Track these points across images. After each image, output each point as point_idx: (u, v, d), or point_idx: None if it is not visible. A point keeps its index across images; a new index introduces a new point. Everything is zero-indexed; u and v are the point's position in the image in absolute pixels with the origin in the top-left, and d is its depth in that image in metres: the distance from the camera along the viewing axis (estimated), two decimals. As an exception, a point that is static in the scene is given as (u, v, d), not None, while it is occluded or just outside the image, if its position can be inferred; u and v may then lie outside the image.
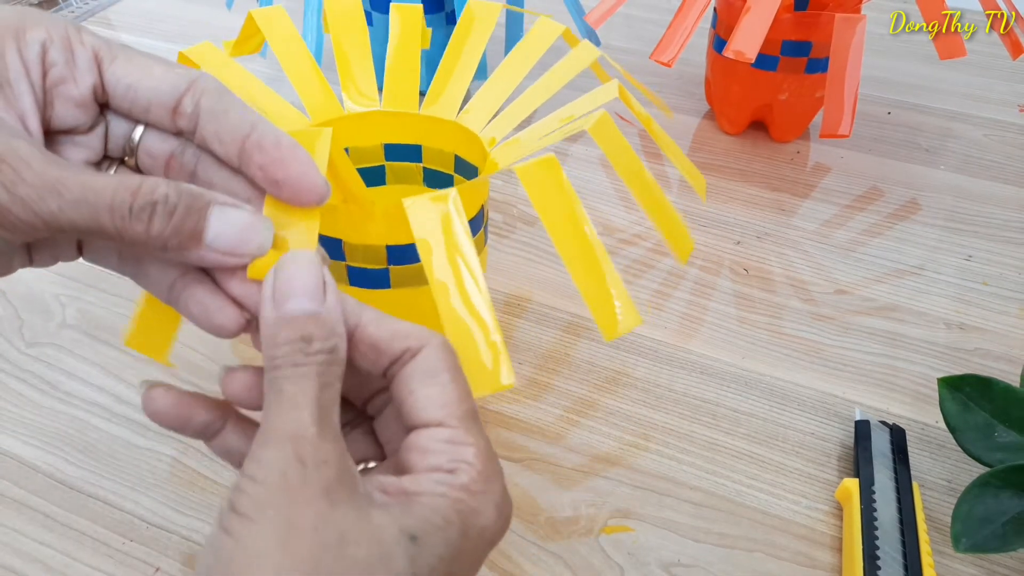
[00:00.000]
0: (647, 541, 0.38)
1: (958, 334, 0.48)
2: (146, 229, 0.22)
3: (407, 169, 0.46)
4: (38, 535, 0.38)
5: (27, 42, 0.23)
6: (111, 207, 0.21)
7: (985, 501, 0.34)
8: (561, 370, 0.46)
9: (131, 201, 0.21)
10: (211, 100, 0.24)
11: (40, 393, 0.44)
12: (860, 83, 0.54)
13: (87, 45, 0.24)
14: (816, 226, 0.57)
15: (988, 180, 0.61)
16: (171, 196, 0.22)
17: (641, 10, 0.85)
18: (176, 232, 0.22)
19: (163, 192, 0.22)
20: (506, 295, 0.51)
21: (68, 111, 0.24)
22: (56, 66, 0.23)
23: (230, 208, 0.23)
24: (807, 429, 0.43)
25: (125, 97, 0.24)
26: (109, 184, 0.21)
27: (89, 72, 0.24)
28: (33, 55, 0.23)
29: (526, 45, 0.43)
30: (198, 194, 0.23)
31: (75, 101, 0.24)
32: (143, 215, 0.22)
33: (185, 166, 0.25)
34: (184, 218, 0.22)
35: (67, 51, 0.24)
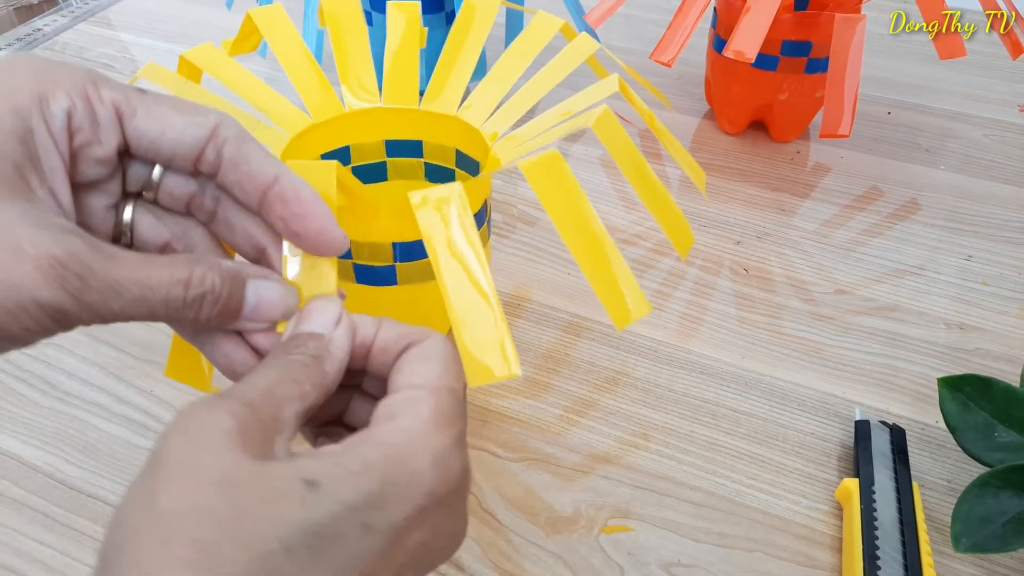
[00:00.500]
0: (647, 541, 0.38)
1: (958, 334, 0.48)
2: (196, 316, 0.23)
3: (409, 165, 0.46)
4: (38, 535, 0.38)
5: (52, 114, 0.23)
6: (166, 302, 0.23)
7: (985, 501, 0.34)
8: (561, 370, 0.46)
9: (184, 295, 0.23)
10: (232, 149, 0.25)
11: (40, 393, 0.44)
12: (860, 83, 0.54)
13: (106, 102, 0.24)
14: (816, 226, 0.57)
15: (988, 180, 0.61)
16: (217, 284, 0.24)
17: (641, 10, 0.85)
18: (222, 313, 0.24)
19: (211, 282, 0.23)
20: (506, 295, 0.51)
21: (92, 169, 0.24)
22: (81, 131, 0.23)
23: (262, 281, 0.25)
24: (807, 429, 0.43)
25: (148, 151, 0.25)
26: (163, 280, 0.22)
27: (113, 133, 0.24)
28: (59, 125, 0.23)
29: (525, 39, 0.44)
30: (237, 274, 0.24)
31: (98, 160, 0.24)
32: (195, 305, 0.23)
33: (205, 206, 0.26)
34: (228, 301, 0.24)
35: (90, 113, 0.23)
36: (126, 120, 0.24)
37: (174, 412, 0.43)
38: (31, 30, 0.81)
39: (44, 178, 0.23)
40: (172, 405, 0.44)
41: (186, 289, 0.23)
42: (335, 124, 0.43)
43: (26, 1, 0.93)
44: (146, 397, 0.44)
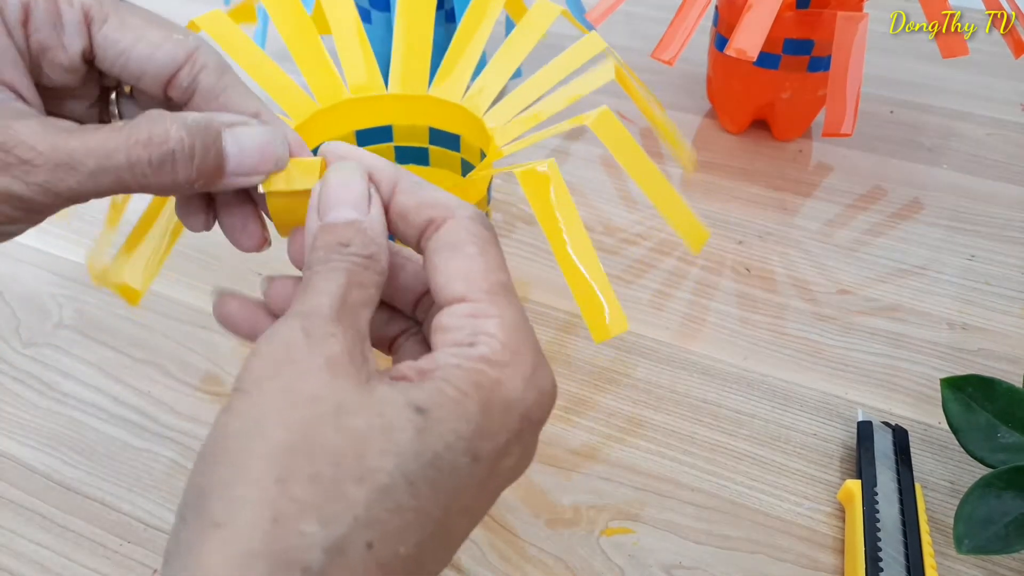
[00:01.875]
0: (648, 543, 0.38)
1: (961, 334, 0.48)
2: (172, 178, 0.22)
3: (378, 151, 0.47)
4: (35, 536, 0.38)
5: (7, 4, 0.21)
6: (130, 167, 0.21)
7: (988, 502, 0.33)
8: (562, 370, 0.45)
9: (147, 155, 0.21)
10: (210, 78, 0.23)
11: (37, 394, 0.44)
12: (862, 82, 0.54)
13: (75, 5, 0.22)
14: (818, 225, 0.56)
15: (991, 179, 0.61)
16: (185, 138, 0.21)
17: (642, 8, 0.85)
18: (201, 172, 0.22)
19: (176, 137, 0.21)
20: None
21: (58, 75, 0.23)
22: (40, 31, 0.22)
23: (240, 128, 0.23)
24: (809, 430, 0.43)
25: (115, 63, 0.23)
26: (120, 144, 0.21)
27: (78, 36, 0.22)
28: (14, 19, 0.22)
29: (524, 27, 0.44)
30: (207, 124, 0.22)
31: (64, 67, 0.23)
32: (165, 166, 0.21)
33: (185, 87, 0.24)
34: (204, 156, 0.22)
35: (53, 13, 0.22)
36: (95, 26, 0.23)
37: (174, 414, 0.43)
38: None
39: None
40: (170, 406, 0.43)
41: (147, 149, 0.21)
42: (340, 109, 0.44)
43: (25, 0, 0.92)
44: (144, 398, 0.44)
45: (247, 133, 0.23)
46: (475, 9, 0.45)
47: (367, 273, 0.21)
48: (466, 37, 0.45)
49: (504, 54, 0.44)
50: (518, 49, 0.43)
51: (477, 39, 0.44)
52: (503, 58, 0.43)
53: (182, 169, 0.21)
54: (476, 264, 0.22)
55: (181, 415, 0.43)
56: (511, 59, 0.43)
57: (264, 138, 0.23)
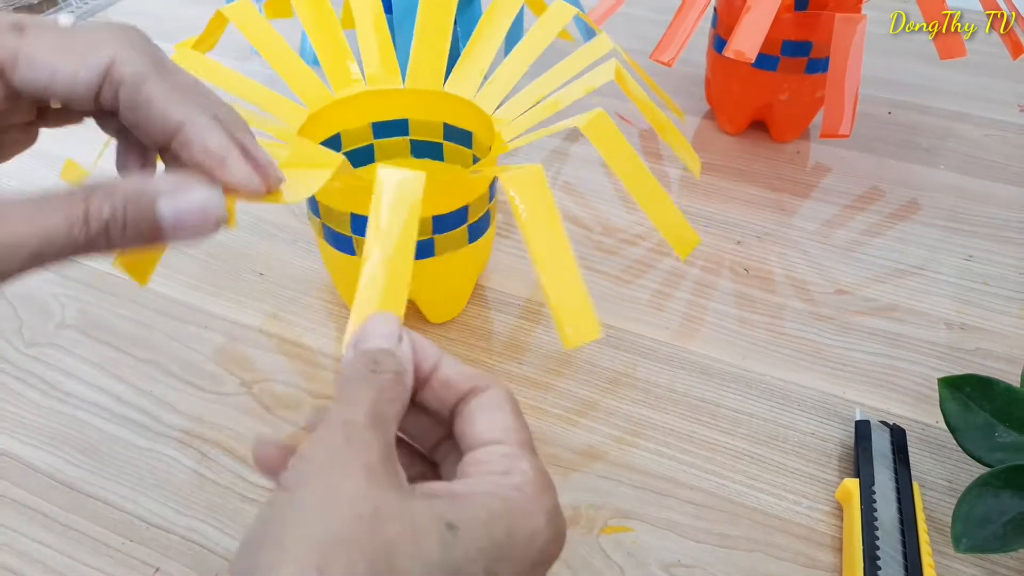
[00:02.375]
0: (647, 541, 0.38)
1: (959, 334, 0.48)
2: (108, 246, 0.22)
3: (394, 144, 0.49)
4: (38, 535, 0.38)
5: None
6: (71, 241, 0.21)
7: (986, 501, 0.33)
8: (561, 370, 0.46)
9: (84, 232, 0.21)
10: (129, 92, 0.23)
11: (40, 393, 0.44)
12: (860, 83, 0.54)
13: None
14: (816, 226, 0.57)
15: (988, 180, 0.61)
16: (117, 210, 0.22)
17: (641, 9, 0.85)
18: (137, 236, 0.22)
19: (108, 211, 0.22)
20: (506, 294, 0.51)
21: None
22: None
23: (178, 194, 0.23)
24: (807, 429, 0.43)
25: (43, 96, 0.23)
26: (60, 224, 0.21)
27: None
28: None
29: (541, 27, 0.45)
30: (140, 194, 0.22)
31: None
32: (100, 239, 0.22)
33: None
34: (138, 223, 0.22)
35: None
36: (8, 72, 0.23)
37: (176, 413, 0.43)
38: (31, 30, 0.81)
39: None
40: (172, 405, 0.44)
41: (86, 226, 0.21)
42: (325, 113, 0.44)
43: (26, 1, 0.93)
44: (146, 397, 0.44)
45: (183, 198, 0.23)
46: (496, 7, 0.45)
47: (396, 389, 0.24)
48: (484, 34, 0.45)
49: (519, 53, 0.44)
50: (533, 48, 0.44)
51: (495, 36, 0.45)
52: (517, 57, 0.44)
53: (117, 239, 0.22)
54: (512, 422, 0.25)
55: (183, 414, 0.43)
56: (525, 58, 0.44)
57: (201, 202, 0.23)
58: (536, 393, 0.44)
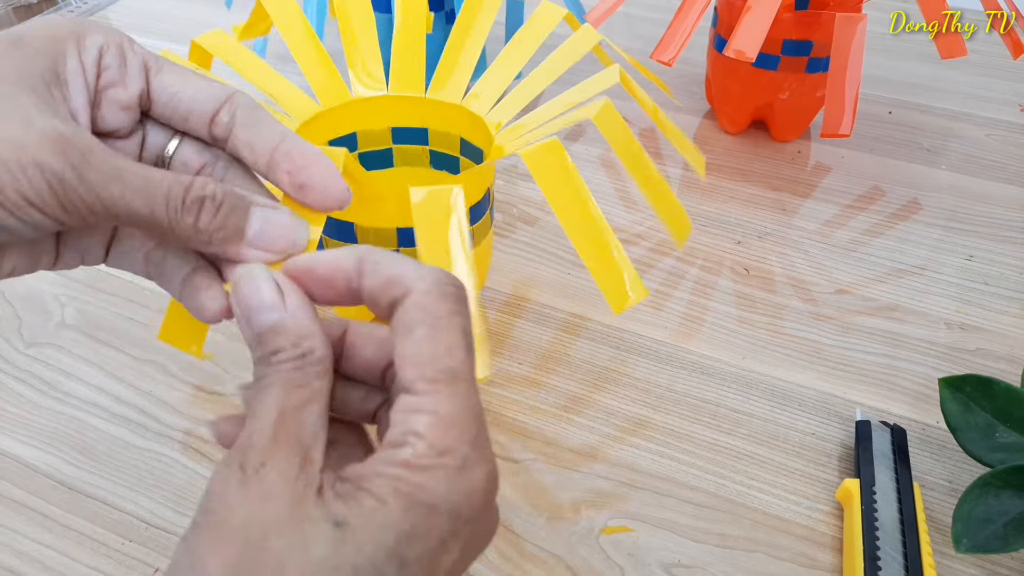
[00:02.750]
0: (647, 541, 0.38)
1: (959, 334, 0.48)
2: (195, 222, 0.24)
3: (414, 152, 0.47)
4: (37, 535, 0.38)
5: (86, 46, 0.25)
6: (167, 197, 0.23)
7: (986, 501, 0.33)
8: (561, 370, 0.46)
9: (184, 194, 0.24)
10: (245, 113, 0.26)
11: (39, 393, 0.44)
12: (861, 83, 0.54)
13: (138, 54, 0.26)
14: (817, 226, 0.57)
15: (989, 180, 0.61)
16: (218, 194, 0.24)
17: (642, 9, 0.85)
18: (221, 227, 0.24)
19: (212, 189, 0.24)
20: (506, 294, 0.51)
21: (114, 113, 0.26)
22: (110, 69, 0.25)
23: (270, 209, 0.25)
24: (808, 429, 0.43)
25: (168, 105, 0.26)
26: (166, 177, 0.23)
27: (138, 78, 0.26)
28: (91, 58, 0.25)
29: (529, 28, 0.44)
30: (242, 195, 0.25)
31: (122, 104, 0.26)
32: (194, 208, 0.24)
33: (215, 176, 0.27)
34: (229, 215, 0.24)
35: (120, 57, 0.26)
36: (152, 73, 0.26)
37: (175, 413, 0.43)
38: (31, 30, 0.81)
39: (67, 97, 0.24)
40: (172, 405, 0.44)
41: (186, 190, 0.23)
42: (342, 111, 0.44)
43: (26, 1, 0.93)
44: (145, 397, 0.44)
45: (275, 213, 0.25)
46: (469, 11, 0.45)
47: (303, 373, 0.22)
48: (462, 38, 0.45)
49: (507, 56, 0.44)
50: (521, 51, 0.44)
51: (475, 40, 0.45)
52: (506, 60, 0.44)
53: (205, 216, 0.24)
54: (424, 348, 0.21)
55: (182, 414, 0.43)
56: (514, 61, 0.43)
57: (287, 221, 0.26)
58: (535, 392, 0.44)
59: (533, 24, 0.44)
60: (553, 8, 0.45)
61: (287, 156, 0.26)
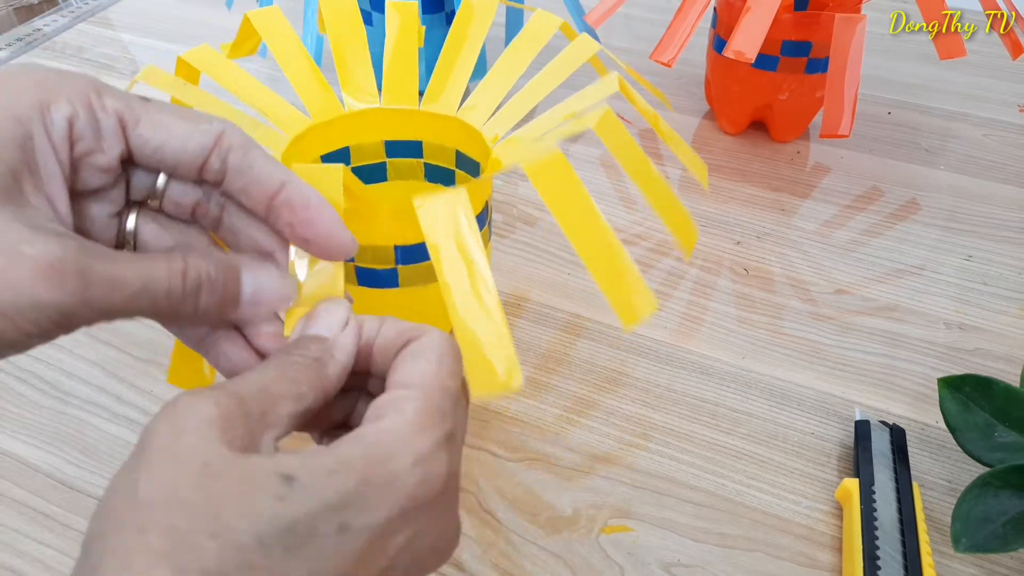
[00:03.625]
0: (647, 541, 0.38)
1: (958, 334, 0.48)
2: (195, 306, 0.24)
3: (409, 165, 0.46)
4: (38, 535, 0.38)
5: (53, 121, 0.23)
6: (168, 293, 0.23)
7: (985, 501, 0.34)
8: (561, 370, 0.46)
9: (182, 285, 0.23)
10: (237, 157, 0.25)
11: (40, 393, 0.44)
12: (860, 83, 0.54)
13: (110, 111, 0.24)
14: (816, 226, 0.57)
15: (988, 180, 0.61)
16: (212, 272, 0.24)
17: (641, 10, 0.85)
18: (220, 302, 0.24)
19: (206, 271, 0.24)
20: (506, 294, 0.51)
21: (94, 177, 0.24)
22: (83, 139, 0.23)
23: (258, 269, 0.25)
24: (807, 429, 0.43)
25: (152, 158, 0.25)
26: (162, 271, 0.23)
27: (116, 141, 0.24)
28: (60, 134, 0.23)
29: (524, 39, 0.43)
30: (230, 263, 0.25)
31: (101, 168, 0.24)
32: (193, 295, 0.23)
33: (210, 213, 0.26)
34: (224, 289, 0.24)
35: (92, 121, 0.23)
36: (129, 128, 0.24)
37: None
38: (31, 30, 0.81)
39: (41, 185, 0.22)
40: (172, 405, 0.44)
41: (184, 279, 0.23)
42: (334, 125, 0.43)
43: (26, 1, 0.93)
44: (146, 397, 0.44)
45: (263, 275, 0.25)
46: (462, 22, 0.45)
47: (305, 372, 0.23)
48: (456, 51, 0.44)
49: (502, 67, 0.43)
50: (517, 62, 0.43)
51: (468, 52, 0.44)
52: (501, 71, 0.43)
53: (205, 298, 0.24)
54: (431, 367, 0.23)
55: (183, 414, 0.43)
56: (510, 72, 0.43)
57: (276, 279, 0.26)
58: (534, 392, 0.44)
59: (528, 33, 0.44)
60: (549, 17, 0.44)
61: (288, 207, 0.25)
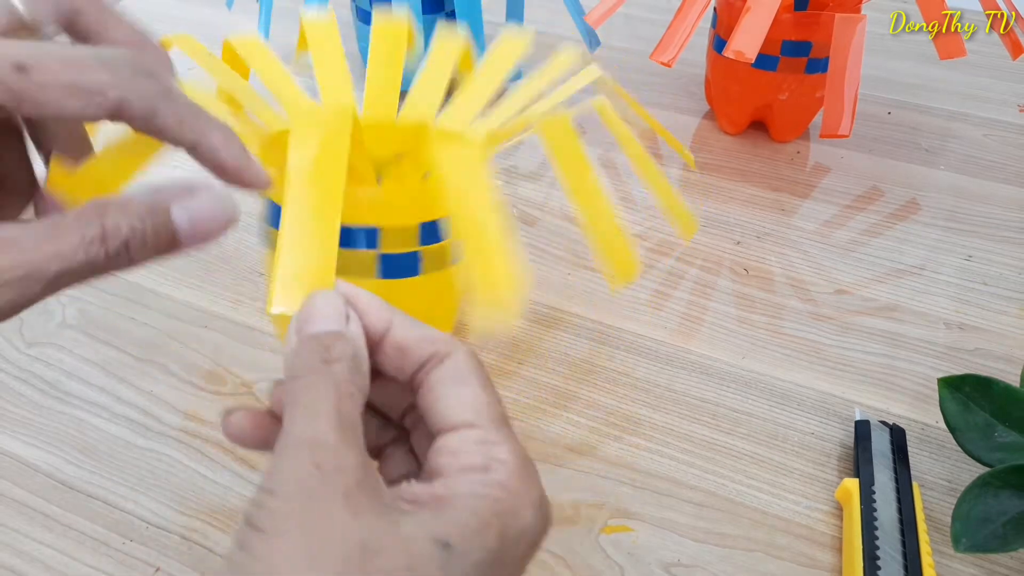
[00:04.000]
0: (647, 541, 0.38)
1: (958, 334, 0.48)
2: (130, 261, 0.22)
3: None
4: (38, 535, 0.38)
5: None
6: (89, 263, 0.21)
7: (985, 501, 0.34)
8: (560, 369, 0.46)
9: (104, 250, 0.21)
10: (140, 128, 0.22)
11: (40, 393, 0.44)
12: (860, 83, 0.54)
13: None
14: (816, 226, 0.57)
15: (988, 180, 0.61)
16: (135, 225, 0.22)
17: (641, 10, 0.85)
18: (156, 249, 0.22)
19: (128, 225, 0.21)
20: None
21: None
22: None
23: (188, 197, 0.23)
24: (807, 429, 0.43)
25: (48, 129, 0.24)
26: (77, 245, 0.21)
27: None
28: None
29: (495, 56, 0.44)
30: (154, 207, 0.22)
31: None
32: (121, 255, 0.22)
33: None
34: (157, 238, 0.22)
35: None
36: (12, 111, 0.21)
37: (176, 413, 0.43)
38: (31, 30, 0.81)
39: None
40: (173, 405, 0.44)
41: (104, 244, 0.21)
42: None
43: (26, 1, 0.92)
44: (146, 397, 0.44)
45: (196, 204, 0.23)
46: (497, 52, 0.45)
47: (355, 379, 0.22)
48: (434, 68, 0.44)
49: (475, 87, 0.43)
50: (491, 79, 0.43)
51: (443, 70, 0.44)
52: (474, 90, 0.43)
53: (138, 253, 0.22)
54: (482, 396, 0.23)
55: (183, 414, 0.43)
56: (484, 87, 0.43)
57: (211, 202, 0.23)
58: (534, 392, 0.44)
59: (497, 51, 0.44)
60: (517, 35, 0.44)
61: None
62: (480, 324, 0.29)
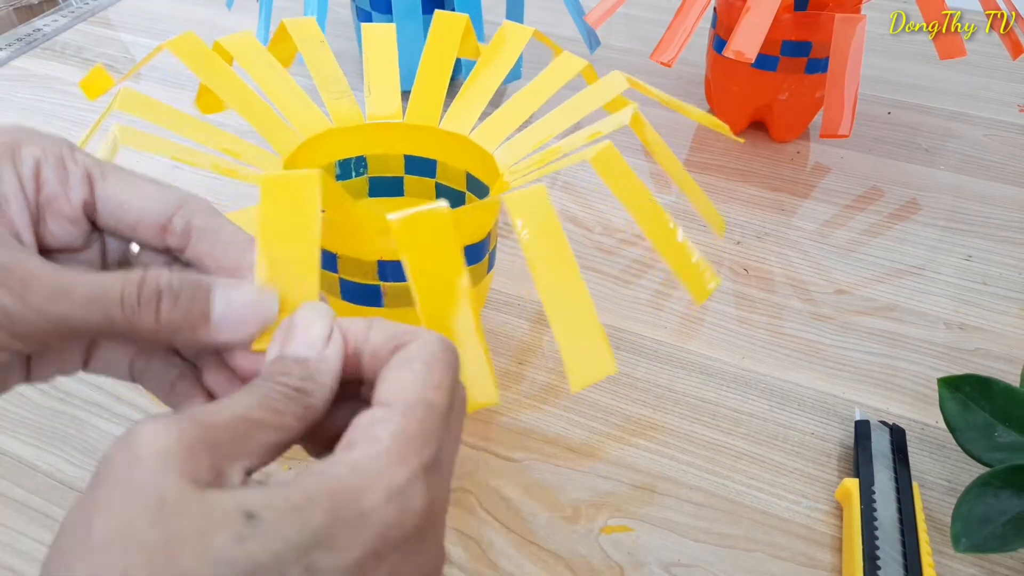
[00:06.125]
0: (647, 541, 0.38)
1: (958, 334, 0.48)
2: (155, 317, 0.22)
3: (424, 185, 0.46)
4: (38, 535, 0.38)
5: (22, 159, 0.23)
6: (121, 301, 0.22)
7: (985, 501, 0.34)
8: (559, 369, 0.46)
9: (138, 292, 0.22)
10: (203, 220, 0.24)
11: (40, 393, 0.44)
12: (860, 83, 0.54)
13: (79, 163, 0.24)
14: (816, 226, 0.57)
15: (988, 180, 0.61)
16: (174, 282, 0.23)
17: (641, 10, 0.85)
18: (185, 316, 0.23)
19: (167, 280, 0.23)
20: (506, 294, 0.51)
21: (60, 227, 0.24)
22: (49, 183, 0.24)
23: (232, 288, 0.24)
24: (807, 429, 0.43)
25: (113, 215, 0.24)
26: (116, 279, 0.22)
27: (80, 188, 0.24)
28: (28, 171, 0.23)
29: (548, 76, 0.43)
30: (200, 279, 0.23)
31: (67, 217, 0.24)
32: (152, 304, 0.22)
33: None
34: (190, 302, 0.23)
35: (60, 168, 0.24)
36: (96, 182, 0.24)
37: (174, 412, 0.43)
38: (31, 30, 0.81)
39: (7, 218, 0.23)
40: (172, 405, 0.44)
41: (140, 288, 0.22)
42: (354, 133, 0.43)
43: (26, 1, 0.93)
44: (146, 397, 0.44)
45: (237, 292, 0.24)
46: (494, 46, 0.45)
47: (288, 402, 0.21)
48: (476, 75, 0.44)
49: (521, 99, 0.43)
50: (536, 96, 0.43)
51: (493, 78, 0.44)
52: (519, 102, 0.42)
53: (166, 309, 0.22)
54: (416, 378, 0.22)
55: (183, 414, 0.43)
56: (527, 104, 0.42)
57: (252, 298, 0.24)
58: (534, 392, 0.44)
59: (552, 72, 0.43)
60: (573, 59, 0.44)
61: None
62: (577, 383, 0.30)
